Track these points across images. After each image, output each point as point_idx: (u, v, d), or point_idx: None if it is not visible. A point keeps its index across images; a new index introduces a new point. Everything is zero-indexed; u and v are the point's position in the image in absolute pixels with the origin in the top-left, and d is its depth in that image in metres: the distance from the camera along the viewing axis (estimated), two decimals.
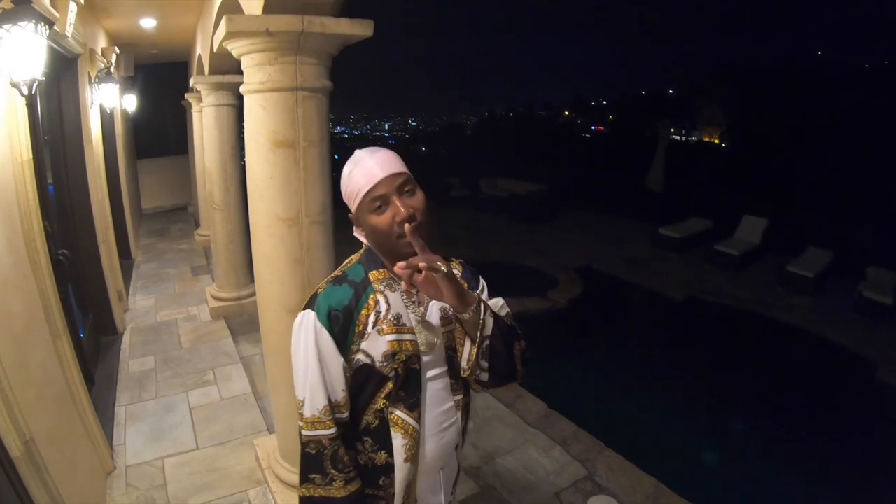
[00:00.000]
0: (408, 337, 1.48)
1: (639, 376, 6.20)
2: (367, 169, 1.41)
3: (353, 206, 1.48)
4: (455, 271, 1.60)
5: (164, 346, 5.49)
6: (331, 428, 1.47)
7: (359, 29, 2.58)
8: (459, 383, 1.62)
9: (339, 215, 2.75)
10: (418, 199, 1.43)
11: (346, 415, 1.51)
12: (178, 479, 3.53)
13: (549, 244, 10.93)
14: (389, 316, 1.47)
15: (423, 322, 1.52)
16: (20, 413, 2.23)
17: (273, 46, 2.50)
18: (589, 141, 38.04)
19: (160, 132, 12.24)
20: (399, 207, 1.38)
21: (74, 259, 4.80)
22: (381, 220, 1.40)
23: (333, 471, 1.47)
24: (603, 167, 21.10)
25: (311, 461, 1.49)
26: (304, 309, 1.50)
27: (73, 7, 3.89)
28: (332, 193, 2.84)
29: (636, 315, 8.82)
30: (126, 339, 5.62)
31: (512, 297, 7.37)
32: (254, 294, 5.98)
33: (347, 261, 1.60)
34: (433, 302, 1.54)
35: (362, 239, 1.57)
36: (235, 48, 2.63)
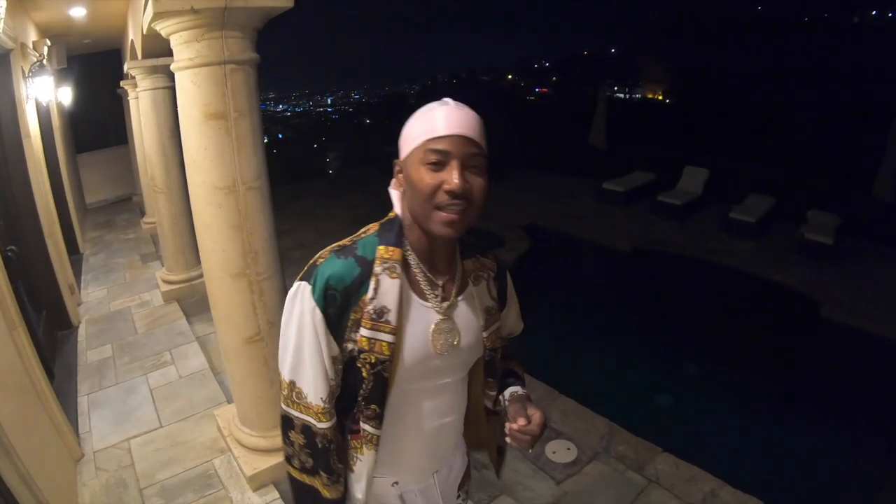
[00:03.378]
0: (385, 337, 1.23)
1: (589, 326, 6.34)
2: (445, 116, 1.16)
3: (405, 150, 1.21)
4: (491, 272, 1.45)
5: (120, 333, 5.51)
6: (326, 420, 1.30)
7: (280, 1, 2.68)
8: (466, 385, 1.47)
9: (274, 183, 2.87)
10: (481, 182, 1.17)
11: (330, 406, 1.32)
12: (144, 457, 3.62)
13: (495, 205, 10.84)
14: (370, 307, 1.23)
15: (445, 321, 1.30)
16: None
17: (199, 23, 2.57)
18: (533, 103, 38.03)
19: (98, 124, 11.96)
20: (454, 176, 1.12)
21: (22, 255, 4.79)
22: (429, 178, 1.14)
23: (324, 473, 1.32)
24: (547, 128, 21.14)
25: (313, 454, 1.33)
26: (300, 280, 1.27)
27: (2, 3, 3.86)
28: (266, 161, 2.98)
29: (584, 268, 8.99)
30: (82, 331, 5.62)
31: None
32: (203, 274, 6.04)
33: (364, 229, 1.35)
34: (466, 298, 1.36)
35: (395, 199, 1.33)
36: (164, 28, 2.69)
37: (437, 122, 1.15)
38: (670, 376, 5.57)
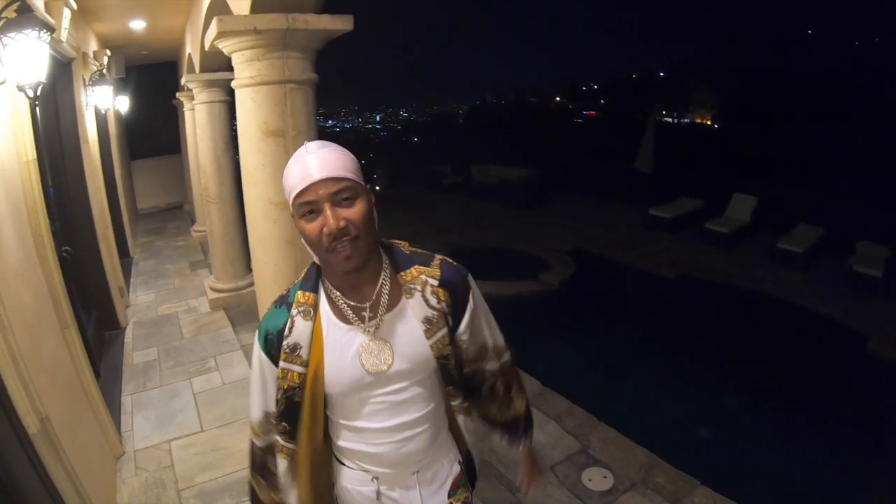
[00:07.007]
0: (296, 368, 1.36)
1: (631, 353, 6.26)
2: (303, 168, 1.24)
3: (289, 205, 1.30)
4: (431, 280, 1.44)
5: (166, 337, 5.64)
6: (260, 438, 1.50)
7: (340, 24, 2.75)
8: (433, 392, 1.52)
9: None
10: (357, 210, 1.24)
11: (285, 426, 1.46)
12: (184, 459, 3.69)
13: (541, 228, 10.97)
14: (284, 343, 1.36)
15: (374, 341, 1.37)
16: (36, 394, 2.36)
17: (261, 43, 2.67)
18: (580, 126, 37.89)
19: (152, 133, 12.29)
20: (329, 218, 1.20)
21: (76, 256, 4.94)
22: (310, 227, 1.23)
23: (260, 478, 1.53)
24: (594, 151, 21.05)
25: (251, 463, 1.56)
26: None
27: (66, 13, 4.01)
28: None
29: (628, 294, 8.88)
30: (129, 333, 5.78)
31: (504, 281, 7.58)
32: (250, 284, 6.15)
33: (301, 274, 1.49)
34: (397, 313, 1.41)
35: (307, 247, 1.37)
36: (226, 46, 2.78)
37: (296, 177, 1.23)
38: (712, 407, 5.46)
